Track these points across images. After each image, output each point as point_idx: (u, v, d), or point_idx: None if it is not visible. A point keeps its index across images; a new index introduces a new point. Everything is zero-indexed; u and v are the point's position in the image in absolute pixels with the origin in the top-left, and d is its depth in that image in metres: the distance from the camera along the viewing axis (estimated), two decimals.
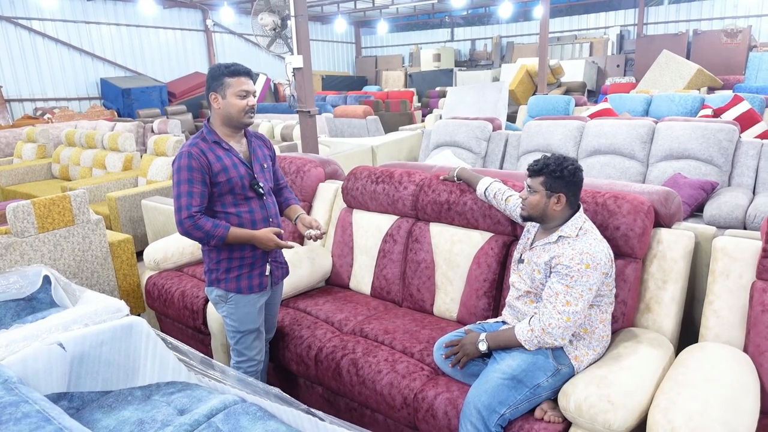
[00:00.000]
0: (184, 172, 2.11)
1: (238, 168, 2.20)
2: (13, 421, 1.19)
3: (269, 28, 5.22)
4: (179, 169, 2.12)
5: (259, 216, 2.27)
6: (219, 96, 2.16)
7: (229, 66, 2.16)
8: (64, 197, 3.10)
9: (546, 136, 5.02)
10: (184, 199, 2.10)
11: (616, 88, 10.23)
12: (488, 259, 2.50)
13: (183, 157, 2.12)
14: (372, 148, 6.21)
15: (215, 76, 2.15)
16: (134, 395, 1.90)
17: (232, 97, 2.15)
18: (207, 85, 2.19)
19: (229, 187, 2.18)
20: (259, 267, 2.29)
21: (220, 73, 2.14)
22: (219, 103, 2.17)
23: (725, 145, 4.10)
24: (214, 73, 2.16)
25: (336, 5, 16.62)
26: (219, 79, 2.14)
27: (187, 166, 2.11)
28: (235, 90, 2.14)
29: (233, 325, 2.32)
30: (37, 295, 2.31)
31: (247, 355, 2.37)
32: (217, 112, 2.19)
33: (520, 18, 18.22)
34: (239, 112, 2.17)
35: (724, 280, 2.04)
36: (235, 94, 2.15)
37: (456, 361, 2.04)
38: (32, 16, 11.99)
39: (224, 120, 2.20)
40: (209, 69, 2.20)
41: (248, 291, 2.28)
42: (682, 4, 15.54)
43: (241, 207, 2.23)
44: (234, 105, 2.15)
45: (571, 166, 1.95)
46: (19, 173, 6.74)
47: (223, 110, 2.17)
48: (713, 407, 1.60)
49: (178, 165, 2.12)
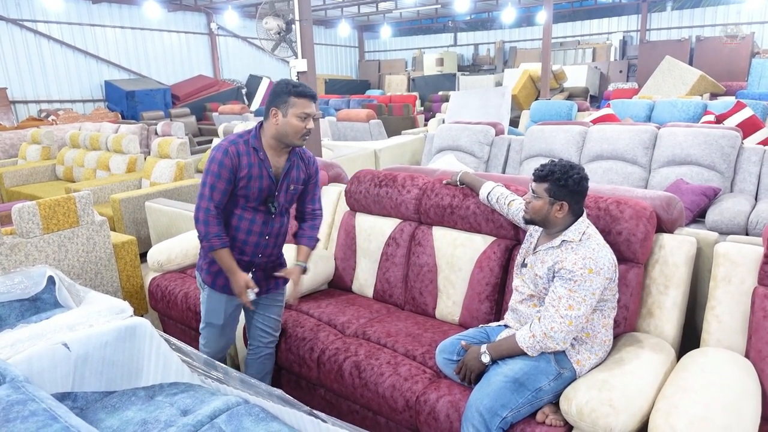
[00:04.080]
0: (215, 166, 2.15)
1: (262, 180, 2.21)
2: (21, 419, 1.20)
3: (274, 32, 5.24)
4: (213, 160, 2.16)
5: (257, 229, 2.28)
6: (280, 112, 2.14)
7: (297, 86, 2.14)
8: (68, 198, 3.12)
9: (548, 141, 5.03)
10: (207, 189, 2.17)
11: (619, 94, 10.24)
12: (490, 262, 2.51)
13: (220, 151, 2.16)
14: (375, 152, 6.23)
15: (281, 92, 2.14)
16: (138, 396, 1.91)
17: (293, 118, 2.13)
18: (270, 99, 2.17)
19: (244, 193, 2.20)
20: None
21: (287, 91, 2.13)
22: (278, 120, 2.15)
23: (728, 151, 4.11)
24: (281, 89, 2.14)
25: (340, 9, 16.70)
26: (284, 97, 2.13)
27: (220, 162, 2.15)
28: (298, 111, 2.13)
29: (205, 313, 2.43)
30: (42, 295, 2.32)
31: (214, 343, 2.47)
32: (274, 127, 2.17)
33: (523, 23, 18.26)
34: (296, 133, 2.15)
35: (726, 285, 2.04)
36: (297, 115, 2.13)
37: (463, 378, 2.05)
38: (38, 19, 12.05)
39: (277, 135, 2.18)
40: (277, 83, 2.19)
41: (220, 290, 2.34)
42: (685, 10, 15.57)
43: (245, 213, 2.25)
44: (293, 125, 2.14)
45: (577, 175, 1.95)
46: (24, 174, 6.77)
47: (281, 127, 2.15)
48: (715, 412, 1.60)
49: (213, 156, 2.17)
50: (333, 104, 12.37)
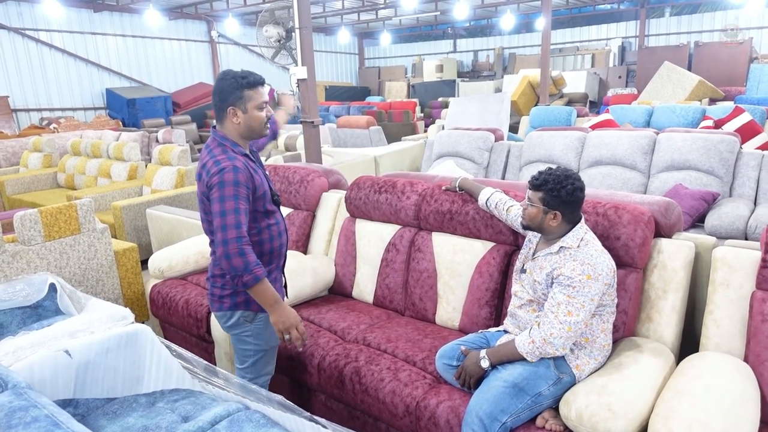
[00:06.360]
0: (230, 188, 1.92)
1: (264, 181, 2.11)
2: (23, 425, 1.21)
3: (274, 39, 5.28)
4: (223, 184, 1.92)
5: (282, 227, 2.21)
6: (239, 110, 2.00)
7: (245, 76, 1.99)
8: (70, 206, 3.14)
9: (548, 147, 5.05)
10: (231, 216, 1.90)
11: (618, 99, 10.28)
12: (490, 268, 2.52)
13: (228, 171, 1.93)
14: (375, 158, 6.25)
15: (232, 88, 1.97)
16: (139, 402, 1.92)
17: (254, 111, 2.01)
18: (221, 98, 2.00)
19: (262, 201, 2.08)
20: (278, 280, 2.25)
21: (237, 86, 1.97)
22: (239, 118, 2.01)
23: (726, 156, 4.12)
24: (231, 85, 1.97)
25: (339, 17, 16.78)
26: (237, 92, 1.97)
27: (234, 181, 1.92)
28: (256, 103, 2.01)
29: (257, 344, 2.19)
30: (43, 302, 2.33)
31: (265, 371, 2.29)
32: (236, 127, 2.03)
33: (522, 29, 18.34)
34: (261, 124, 2.04)
35: (725, 289, 2.05)
36: (256, 106, 2.01)
37: (463, 383, 2.05)
38: (40, 27, 12.13)
39: (244, 133, 2.05)
40: (222, 79, 2.00)
41: None
42: (683, 16, 15.64)
43: (270, 218, 2.14)
44: (256, 118, 2.02)
45: (570, 186, 1.95)
46: (25, 182, 6.80)
47: (244, 124, 2.02)
48: (714, 416, 1.61)
49: (222, 179, 1.92)
50: (333, 111, 12.41)
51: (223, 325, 2.21)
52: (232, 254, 1.89)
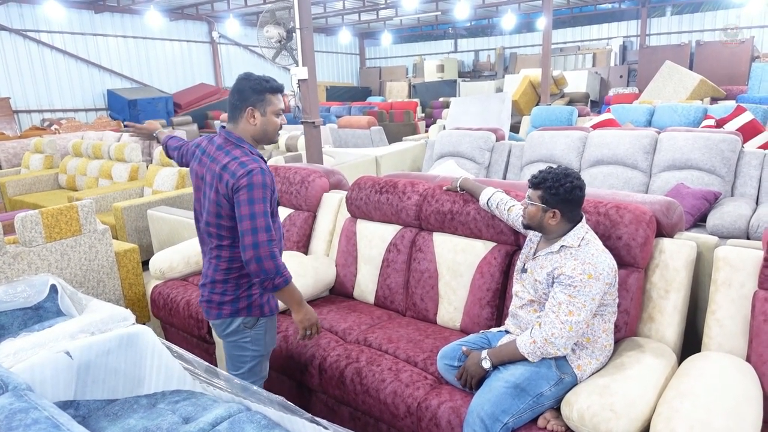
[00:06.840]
0: (259, 190, 1.91)
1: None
2: (23, 427, 1.21)
3: (275, 40, 5.28)
4: (252, 186, 1.91)
5: (282, 229, 2.21)
6: (258, 112, 2.00)
7: (268, 80, 2.01)
8: (71, 207, 3.14)
9: (549, 147, 5.04)
10: (262, 219, 1.90)
11: (619, 99, 10.26)
12: (491, 268, 2.51)
13: (256, 173, 1.92)
14: (376, 159, 6.25)
15: (255, 89, 1.98)
16: (140, 403, 1.92)
17: (272, 116, 2.02)
18: (241, 97, 2.00)
19: (272, 204, 2.05)
20: None
21: (261, 88, 1.99)
22: (256, 120, 2.01)
23: (728, 155, 4.11)
24: (254, 85, 1.99)
25: (340, 17, 16.79)
26: (261, 95, 1.99)
27: (262, 183, 1.92)
28: (275, 108, 2.02)
29: (256, 350, 2.18)
30: (44, 304, 2.33)
31: (260, 375, 2.27)
32: (252, 128, 2.03)
33: (523, 29, 18.34)
34: (275, 130, 2.05)
35: (727, 289, 2.05)
36: (275, 112, 2.02)
37: (464, 384, 2.05)
38: (41, 29, 12.16)
39: (257, 136, 2.05)
40: (246, 78, 2.01)
41: (276, 309, 2.22)
42: (684, 15, 15.63)
43: (274, 222, 2.09)
44: (272, 123, 2.03)
45: (569, 184, 1.94)
46: (27, 183, 6.81)
47: (260, 127, 2.03)
48: (716, 416, 1.60)
49: (251, 182, 1.91)
50: (334, 111, 12.42)
51: (222, 332, 2.18)
52: (264, 257, 1.90)
